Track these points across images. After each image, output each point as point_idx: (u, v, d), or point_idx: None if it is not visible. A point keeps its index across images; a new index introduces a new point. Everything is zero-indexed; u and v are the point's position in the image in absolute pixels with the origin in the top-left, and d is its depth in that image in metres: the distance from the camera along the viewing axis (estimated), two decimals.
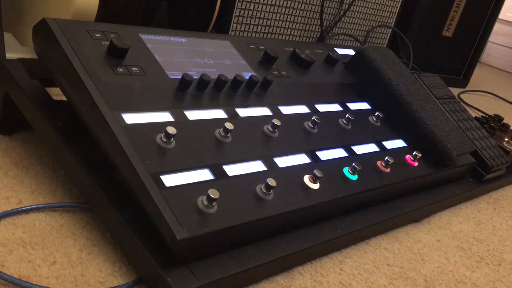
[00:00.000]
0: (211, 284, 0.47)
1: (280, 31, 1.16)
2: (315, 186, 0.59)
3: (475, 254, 0.71)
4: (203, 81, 0.60)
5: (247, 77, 0.66)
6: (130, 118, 0.52)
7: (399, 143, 0.78)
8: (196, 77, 0.61)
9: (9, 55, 0.67)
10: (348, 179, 0.64)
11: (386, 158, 0.69)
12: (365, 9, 1.34)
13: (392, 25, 1.45)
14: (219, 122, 0.58)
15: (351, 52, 0.92)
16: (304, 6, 1.17)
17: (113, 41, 0.56)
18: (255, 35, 1.11)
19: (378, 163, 0.69)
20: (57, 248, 0.50)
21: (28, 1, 0.78)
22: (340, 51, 0.90)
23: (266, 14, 1.11)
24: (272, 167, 0.58)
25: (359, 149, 0.70)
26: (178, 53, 0.64)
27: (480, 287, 0.64)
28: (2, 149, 0.63)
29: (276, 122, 0.62)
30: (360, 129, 0.75)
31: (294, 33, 1.19)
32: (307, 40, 1.24)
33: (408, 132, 0.80)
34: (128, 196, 0.50)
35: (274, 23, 1.14)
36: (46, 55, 0.58)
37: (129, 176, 0.48)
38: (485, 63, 2.71)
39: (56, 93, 0.63)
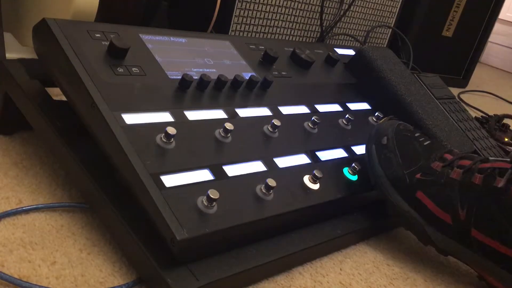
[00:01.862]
0: (211, 284, 0.47)
1: (280, 31, 1.16)
2: (315, 186, 0.59)
3: None
4: (203, 81, 0.60)
5: (247, 77, 0.66)
6: (130, 118, 0.52)
7: None
8: (196, 77, 0.61)
9: (9, 55, 0.67)
10: (348, 179, 0.64)
11: None
12: (365, 9, 1.34)
13: (392, 25, 1.45)
14: (219, 122, 0.58)
15: (351, 52, 0.92)
16: (304, 6, 1.17)
17: (113, 41, 0.56)
18: (255, 35, 1.11)
19: None
20: (57, 248, 0.50)
21: (28, 1, 0.78)
22: (340, 51, 0.90)
23: (266, 14, 1.11)
24: (272, 167, 0.58)
25: (359, 149, 0.70)
26: (178, 53, 0.64)
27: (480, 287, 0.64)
28: (2, 149, 0.63)
29: (276, 122, 0.62)
30: (360, 129, 0.74)
31: (294, 33, 1.19)
32: (307, 40, 1.24)
33: None
34: (128, 196, 0.50)
35: (274, 23, 1.14)
36: (46, 55, 0.58)
37: (129, 176, 0.48)
38: (485, 63, 2.71)
39: (56, 93, 0.63)
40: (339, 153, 0.67)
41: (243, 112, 0.62)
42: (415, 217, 0.62)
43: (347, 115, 0.73)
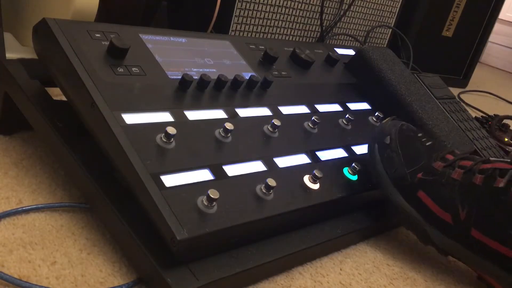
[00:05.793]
0: (211, 284, 0.47)
1: (280, 31, 1.16)
2: (315, 186, 0.59)
3: None
4: (203, 81, 0.60)
5: (247, 77, 0.66)
6: (130, 118, 0.52)
7: None
8: (196, 77, 0.61)
9: (9, 55, 0.67)
10: (348, 179, 0.64)
11: None
12: (365, 9, 1.34)
13: (392, 25, 1.45)
14: (219, 122, 0.58)
15: (351, 52, 0.92)
16: (304, 6, 1.17)
17: (113, 41, 0.56)
18: (255, 35, 1.11)
19: None
20: (57, 248, 0.50)
21: (28, 1, 0.78)
22: (340, 51, 0.90)
23: (266, 14, 1.11)
24: (272, 167, 0.58)
25: (359, 149, 0.70)
26: (178, 53, 0.64)
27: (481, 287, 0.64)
28: (2, 149, 0.63)
29: (276, 122, 0.62)
30: (360, 129, 0.74)
31: (294, 33, 1.19)
32: (307, 40, 1.23)
33: None
34: (128, 196, 0.50)
35: (274, 23, 1.14)
36: (46, 55, 0.58)
37: (129, 176, 0.48)
38: (485, 63, 2.71)
39: (56, 93, 0.63)
40: (339, 153, 0.67)
41: (243, 112, 0.62)
42: (415, 217, 0.62)
43: (347, 115, 0.73)
